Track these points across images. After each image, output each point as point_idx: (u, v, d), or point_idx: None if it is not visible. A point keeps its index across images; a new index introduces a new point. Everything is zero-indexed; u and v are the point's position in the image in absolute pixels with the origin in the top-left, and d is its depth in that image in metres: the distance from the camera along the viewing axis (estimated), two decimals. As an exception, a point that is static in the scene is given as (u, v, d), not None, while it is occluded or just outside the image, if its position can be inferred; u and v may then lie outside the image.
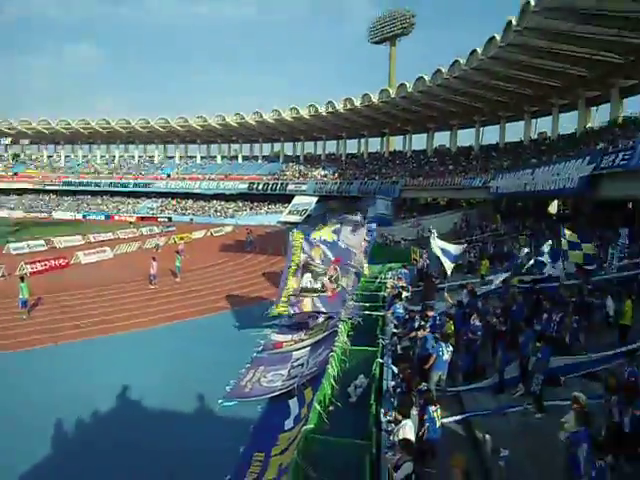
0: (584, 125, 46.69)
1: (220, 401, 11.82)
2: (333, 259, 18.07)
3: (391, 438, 9.40)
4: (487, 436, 10.90)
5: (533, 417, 12.07)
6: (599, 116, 48.47)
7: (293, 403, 10.82)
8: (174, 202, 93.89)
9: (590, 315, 17.36)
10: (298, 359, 14.20)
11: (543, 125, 58.05)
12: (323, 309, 16.40)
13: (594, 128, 44.97)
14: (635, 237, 22.18)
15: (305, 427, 9.38)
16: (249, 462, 9.54)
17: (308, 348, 14.99)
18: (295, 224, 74.16)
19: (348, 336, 16.07)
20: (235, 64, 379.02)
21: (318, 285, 17.27)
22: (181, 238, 56.33)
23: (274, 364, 13.93)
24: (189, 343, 21.88)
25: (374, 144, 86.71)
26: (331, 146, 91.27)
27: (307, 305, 16.53)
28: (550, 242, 22.52)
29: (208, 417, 15.26)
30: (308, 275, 17.28)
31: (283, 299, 16.62)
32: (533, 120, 57.97)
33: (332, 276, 17.64)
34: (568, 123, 52.07)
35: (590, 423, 8.60)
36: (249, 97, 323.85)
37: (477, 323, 15.29)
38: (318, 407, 10.31)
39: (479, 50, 45.79)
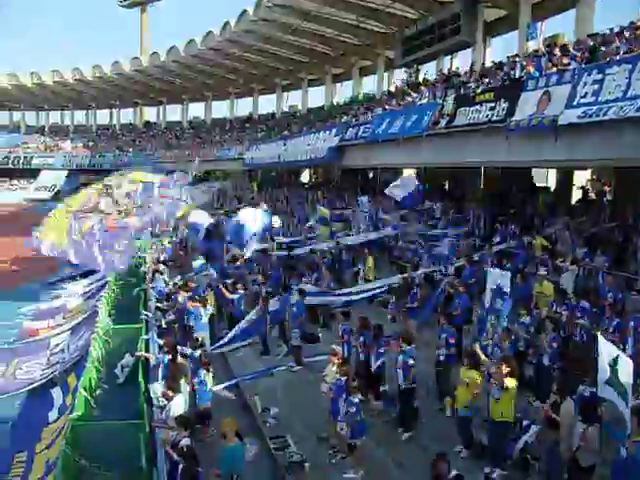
0: (331, 99, 50.14)
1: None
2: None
3: (163, 415, 9.46)
4: (256, 397, 11.58)
5: (297, 374, 13.06)
6: (344, 91, 52.66)
7: (56, 392, 10.17)
8: None
9: (341, 273, 19.29)
10: (58, 345, 13.32)
11: (294, 98, 60.98)
12: None
13: (339, 103, 48.53)
14: (375, 202, 24.79)
15: (71, 415, 9.00)
16: (9, 466, 8.80)
17: (68, 332, 14.14)
18: (44, 201, 68.20)
19: (110, 315, 15.58)
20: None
21: None
22: None
23: (30, 354, 12.89)
24: None
25: (126, 115, 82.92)
26: (80, 116, 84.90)
27: None
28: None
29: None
30: None
31: None
32: (285, 93, 60.53)
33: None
34: (317, 97, 55.33)
35: (348, 373, 9.62)
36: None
37: (241, 290, 15.99)
38: (84, 393, 9.98)
39: (232, 22, 46.24)
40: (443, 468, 6.44)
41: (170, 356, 11.31)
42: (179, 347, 12.18)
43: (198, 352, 11.06)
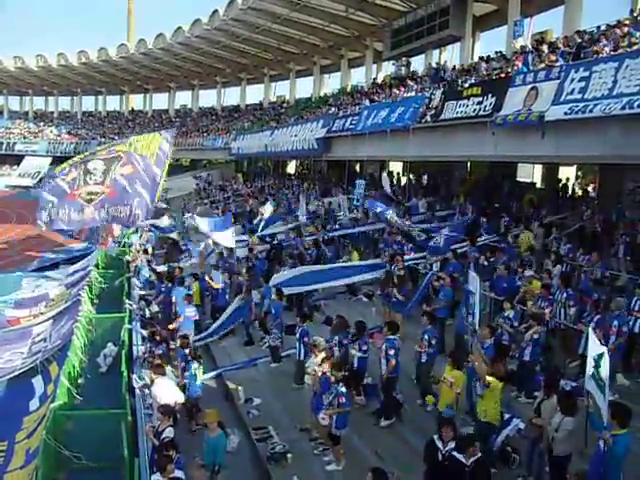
0: (319, 91, 49.96)
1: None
2: None
3: (146, 402, 9.42)
4: (239, 387, 11.59)
5: (280, 365, 13.06)
6: (332, 83, 52.43)
7: (37, 381, 10.12)
8: None
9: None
10: (39, 334, 13.15)
11: (282, 89, 60.70)
12: None
13: (327, 94, 48.35)
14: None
15: (53, 404, 8.93)
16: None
17: (50, 321, 14.01)
18: (27, 188, 67.28)
19: (93, 304, 15.43)
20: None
21: None
22: None
23: (11, 343, 12.73)
24: None
25: (112, 102, 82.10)
26: (65, 102, 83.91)
27: None
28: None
29: None
30: None
31: None
32: (273, 83, 60.25)
33: None
34: (305, 88, 54.93)
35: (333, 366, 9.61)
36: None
37: (227, 280, 15.96)
38: (66, 382, 9.88)
39: (221, 10, 45.82)
40: None
41: (165, 345, 11.31)
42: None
43: (187, 350, 11.02)
